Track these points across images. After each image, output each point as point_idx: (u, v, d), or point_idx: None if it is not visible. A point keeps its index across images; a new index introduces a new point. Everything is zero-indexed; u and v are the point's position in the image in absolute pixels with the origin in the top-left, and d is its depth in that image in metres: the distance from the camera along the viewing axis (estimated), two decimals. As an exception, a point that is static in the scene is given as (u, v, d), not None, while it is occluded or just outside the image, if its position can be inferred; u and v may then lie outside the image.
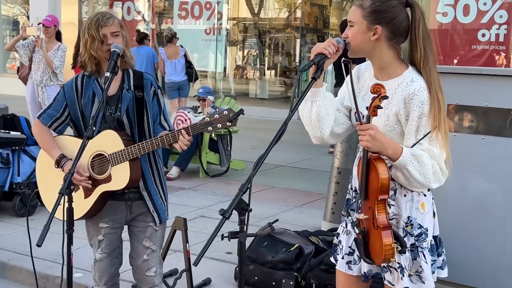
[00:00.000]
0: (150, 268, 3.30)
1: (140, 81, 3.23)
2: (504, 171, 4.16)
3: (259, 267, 4.31)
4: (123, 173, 3.09)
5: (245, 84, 17.63)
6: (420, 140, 2.50)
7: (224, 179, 8.04)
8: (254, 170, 2.36)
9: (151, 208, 3.25)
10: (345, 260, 2.75)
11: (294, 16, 17.56)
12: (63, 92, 3.24)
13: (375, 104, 2.39)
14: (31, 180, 6.13)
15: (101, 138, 3.12)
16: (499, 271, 4.18)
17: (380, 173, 2.42)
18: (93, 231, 3.33)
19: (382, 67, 2.61)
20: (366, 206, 2.50)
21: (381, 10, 2.53)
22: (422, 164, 2.46)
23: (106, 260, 3.32)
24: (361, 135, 2.41)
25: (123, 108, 3.17)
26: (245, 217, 2.37)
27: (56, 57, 7.73)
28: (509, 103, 4.11)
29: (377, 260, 2.49)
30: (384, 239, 2.42)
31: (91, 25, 3.11)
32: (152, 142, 3.03)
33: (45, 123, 3.25)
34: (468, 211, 4.28)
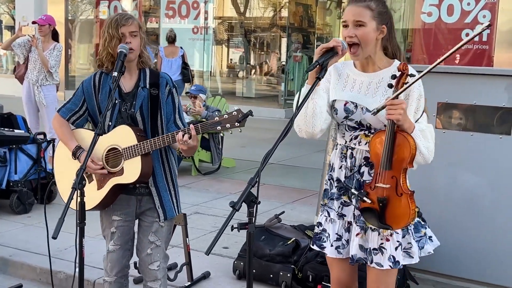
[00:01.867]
0: (153, 262, 3.38)
1: (156, 79, 3.31)
2: (492, 166, 4.33)
3: (257, 260, 4.43)
4: (135, 167, 3.17)
5: (232, 83, 17.73)
6: (418, 119, 2.76)
7: (216, 176, 8.16)
8: (262, 164, 2.50)
9: (157, 204, 3.32)
10: (334, 246, 2.94)
11: (280, 15, 17.69)
12: (82, 88, 3.35)
13: (403, 80, 2.63)
14: (28, 178, 6.22)
15: (116, 133, 3.22)
16: (488, 262, 4.35)
17: (411, 144, 2.65)
18: (106, 223, 3.42)
19: (374, 61, 2.84)
20: (389, 175, 2.69)
21: (385, 11, 2.80)
22: (426, 139, 2.72)
23: (118, 251, 3.41)
24: (393, 109, 2.59)
25: (137, 105, 3.26)
26: (253, 209, 2.49)
27: (52, 57, 7.71)
28: (496, 101, 4.29)
29: (400, 224, 2.72)
30: (411, 204, 2.68)
31: (111, 24, 3.20)
32: (163, 138, 3.11)
33: (64, 117, 3.36)
34: (457, 204, 4.44)
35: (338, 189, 2.91)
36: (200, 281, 4.49)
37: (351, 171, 2.86)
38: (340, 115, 2.86)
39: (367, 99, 2.80)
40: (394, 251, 2.80)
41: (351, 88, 2.86)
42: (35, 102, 7.91)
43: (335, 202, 2.92)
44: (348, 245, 2.91)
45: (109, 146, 3.23)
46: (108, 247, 3.43)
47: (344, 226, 2.92)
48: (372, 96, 2.80)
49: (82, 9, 18.60)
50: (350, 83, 2.88)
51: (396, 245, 2.80)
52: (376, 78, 2.82)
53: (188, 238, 4.47)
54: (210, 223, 5.94)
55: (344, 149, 2.89)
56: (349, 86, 2.87)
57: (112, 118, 3.25)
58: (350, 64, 2.93)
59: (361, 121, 2.82)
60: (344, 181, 2.88)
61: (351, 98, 2.83)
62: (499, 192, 4.32)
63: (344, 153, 2.89)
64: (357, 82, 2.86)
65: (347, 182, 2.87)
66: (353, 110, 2.82)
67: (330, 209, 2.95)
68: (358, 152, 2.85)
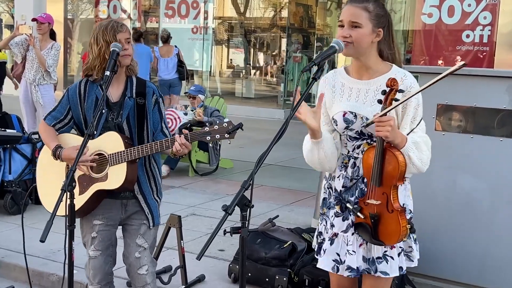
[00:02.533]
0: (142, 266, 3.34)
1: (142, 88, 3.31)
2: (492, 169, 4.26)
3: (252, 264, 4.37)
4: (120, 174, 3.15)
5: (231, 83, 17.68)
6: (414, 129, 2.70)
7: (213, 177, 8.09)
8: (256, 167, 2.47)
9: (146, 211, 3.33)
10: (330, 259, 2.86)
11: (280, 16, 17.64)
12: (67, 96, 3.31)
13: (391, 97, 2.55)
14: (22, 178, 6.15)
15: (103, 139, 3.20)
16: (486, 266, 4.28)
17: (400, 161, 2.60)
18: (86, 229, 3.37)
19: (369, 66, 2.75)
20: (379, 192, 2.65)
21: (382, 14, 2.72)
22: (420, 151, 2.65)
23: (100, 258, 3.35)
24: (382, 125, 2.53)
25: (124, 115, 3.25)
26: (247, 213, 2.44)
27: (49, 56, 7.65)
28: (497, 103, 4.21)
29: (392, 240, 2.67)
30: (402, 221, 2.63)
31: (106, 31, 3.18)
32: (151, 145, 3.10)
33: (49, 124, 3.33)
34: (456, 208, 4.37)
35: (334, 198, 2.85)
36: (194, 284, 4.43)
37: (351, 180, 2.79)
38: (340, 126, 2.78)
39: (366, 108, 2.72)
40: (397, 257, 2.75)
41: (348, 97, 2.78)
42: (32, 102, 7.84)
43: (330, 211, 2.86)
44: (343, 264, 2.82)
45: (95, 151, 3.20)
46: (88, 254, 3.38)
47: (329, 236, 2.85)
48: (370, 105, 2.72)
49: (82, 8, 18.55)
50: (346, 92, 2.79)
51: (399, 251, 2.76)
52: (373, 86, 2.74)
53: (182, 240, 4.40)
54: (206, 225, 5.87)
55: (346, 159, 2.82)
56: (345, 95, 2.79)
57: (97, 127, 3.22)
58: (342, 72, 2.85)
59: (361, 131, 2.75)
60: (340, 191, 2.81)
61: (349, 108, 2.75)
62: (498, 196, 4.24)
63: (345, 163, 2.82)
64: (354, 91, 2.78)
65: (344, 193, 2.80)
66: (352, 120, 2.74)
67: (328, 218, 2.88)
68: (361, 162, 2.76)
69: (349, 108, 2.75)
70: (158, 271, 4.52)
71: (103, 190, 3.20)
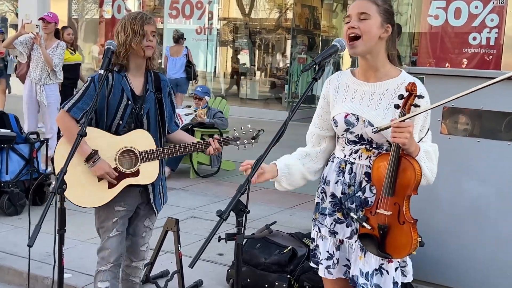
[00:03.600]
0: (144, 244, 3.64)
1: (158, 83, 3.47)
2: (499, 174, 4.15)
3: (252, 269, 4.27)
4: (153, 171, 3.36)
5: (235, 84, 17.60)
6: (422, 138, 2.60)
7: (214, 179, 8.00)
8: (253, 171, 2.40)
9: (152, 201, 3.53)
10: (324, 265, 2.77)
11: (285, 17, 17.56)
12: (94, 86, 3.32)
13: (410, 102, 2.45)
14: (20, 178, 6.06)
15: (133, 136, 3.34)
16: (492, 273, 4.18)
17: (416, 170, 2.48)
18: (106, 214, 3.44)
19: (378, 67, 2.63)
20: (391, 202, 2.51)
21: (391, 12, 2.62)
22: (431, 161, 2.58)
23: (118, 236, 3.47)
24: (400, 132, 2.40)
25: (146, 108, 3.39)
26: (242, 219, 2.35)
27: (55, 55, 7.58)
28: (504, 106, 4.11)
29: (401, 254, 2.55)
30: (414, 234, 2.51)
31: (135, 20, 3.27)
32: (185, 146, 3.35)
33: (76, 117, 3.32)
34: (462, 213, 4.26)
35: (333, 205, 2.72)
36: (192, 289, 4.32)
37: (349, 187, 2.66)
38: (340, 127, 2.66)
39: (369, 111, 2.60)
40: (394, 272, 2.63)
41: (352, 99, 2.66)
42: (37, 101, 7.75)
43: (328, 218, 2.73)
44: (338, 265, 2.74)
45: (123, 148, 3.33)
46: (106, 236, 3.47)
47: (335, 244, 2.74)
48: (375, 108, 2.60)
49: (87, 8, 18.52)
50: (350, 94, 2.67)
51: (396, 266, 2.64)
52: (380, 89, 2.62)
53: (180, 244, 4.28)
54: (206, 228, 5.78)
55: (343, 163, 2.69)
56: (349, 97, 2.67)
57: (123, 118, 3.33)
58: (348, 73, 2.74)
59: (362, 135, 2.63)
60: (340, 198, 2.69)
61: (352, 109, 2.63)
62: (505, 202, 4.13)
63: (342, 168, 2.69)
64: (358, 93, 2.66)
65: (344, 199, 2.68)
66: (354, 123, 2.63)
67: (321, 225, 2.76)
68: (358, 168, 2.66)
69: (351, 110, 2.64)
70: (154, 275, 4.44)
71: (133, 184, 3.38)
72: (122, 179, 3.34)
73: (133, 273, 3.66)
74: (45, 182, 6.26)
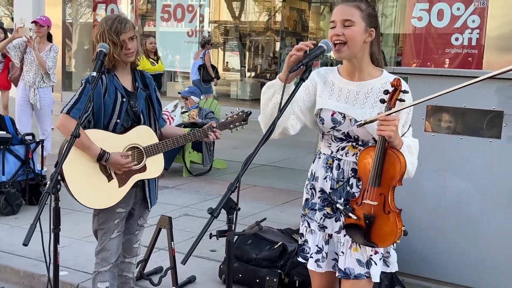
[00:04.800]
0: (137, 241, 3.74)
1: (144, 80, 3.58)
2: (481, 170, 4.28)
3: (243, 265, 4.38)
4: (159, 164, 3.48)
5: (226, 85, 17.70)
6: (405, 133, 2.70)
7: (207, 178, 8.11)
8: (243, 169, 2.38)
9: (148, 195, 3.60)
10: (313, 258, 2.84)
11: (274, 19, 17.71)
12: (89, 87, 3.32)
13: (395, 97, 2.55)
14: (16, 179, 6.16)
15: (135, 133, 3.43)
16: (476, 266, 4.30)
17: (402, 162, 2.59)
18: (106, 216, 3.49)
19: (362, 68, 2.72)
20: (377, 193, 2.61)
21: (374, 15, 2.70)
22: (412, 155, 2.67)
23: (119, 237, 3.56)
24: (386, 125, 2.50)
25: (140, 105, 3.49)
26: (233, 216, 2.40)
27: (49, 58, 7.57)
28: (486, 105, 4.24)
29: (386, 242, 2.65)
30: (398, 223, 2.62)
31: (111, 31, 3.32)
32: (185, 136, 3.48)
33: (75, 118, 3.29)
34: (446, 209, 4.39)
35: (322, 200, 2.80)
36: (185, 285, 4.42)
37: (337, 182, 2.75)
38: (327, 125, 2.75)
39: (355, 109, 2.70)
40: (378, 261, 2.73)
41: (338, 97, 2.74)
42: (30, 104, 7.77)
43: (317, 213, 2.81)
44: (327, 258, 2.83)
45: (128, 145, 3.40)
46: (107, 237, 3.51)
47: (324, 238, 2.83)
48: (361, 107, 2.70)
49: (81, 12, 18.54)
50: (336, 92, 2.76)
51: (380, 257, 2.74)
52: (365, 88, 2.72)
53: (173, 241, 4.40)
54: (199, 225, 5.88)
55: (330, 160, 2.77)
56: (335, 95, 2.75)
57: (120, 116, 3.39)
58: (335, 71, 2.83)
59: (348, 133, 2.72)
60: (329, 193, 2.77)
61: (338, 108, 2.72)
62: (488, 197, 4.26)
63: (329, 164, 2.77)
64: (344, 91, 2.75)
65: (332, 194, 2.77)
66: (340, 121, 2.72)
67: (310, 220, 2.84)
68: (345, 164, 2.75)
69: (338, 108, 2.72)
70: (148, 272, 4.54)
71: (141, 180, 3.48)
72: (131, 176, 3.42)
73: (127, 268, 3.75)
74: (41, 182, 6.36)
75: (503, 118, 4.20)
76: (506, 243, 4.21)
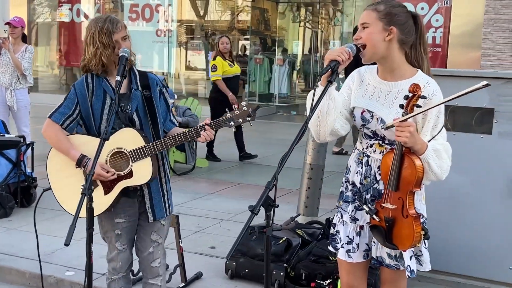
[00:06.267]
0: (155, 259, 3.45)
1: (145, 81, 3.36)
2: (474, 165, 4.50)
3: (249, 260, 4.50)
4: (146, 169, 3.21)
5: (194, 85, 17.74)
6: (435, 136, 2.74)
7: (191, 176, 8.20)
8: (279, 167, 2.48)
9: (148, 205, 3.36)
10: (344, 249, 2.97)
11: (238, 19, 17.87)
12: (74, 91, 3.31)
13: (413, 102, 2.60)
14: (8, 182, 6.15)
15: (120, 136, 3.21)
16: (471, 256, 4.53)
17: (417, 167, 2.63)
18: (108, 225, 3.43)
19: (394, 68, 2.80)
20: (395, 196, 2.70)
21: (395, 13, 2.76)
22: (440, 158, 2.71)
23: (128, 250, 3.47)
24: (401, 131, 2.58)
25: (133, 106, 3.29)
26: (271, 213, 2.49)
27: (24, 59, 7.55)
28: (476, 102, 4.46)
29: (405, 245, 2.73)
30: (416, 227, 2.68)
31: (102, 33, 3.19)
32: (174, 138, 3.16)
33: (57, 122, 3.30)
34: (441, 203, 4.56)
35: (353, 193, 2.92)
36: (193, 281, 4.53)
37: (365, 178, 2.87)
38: (358, 122, 2.87)
39: (384, 109, 2.78)
40: (409, 260, 2.84)
41: (371, 95, 2.84)
42: (7, 106, 7.71)
43: (350, 205, 2.93)
44: (358, 249, 2.94)
45: (112, 150, 3.24)
46: (116, 247, 3.44)
47: (355, 229, 2.94)
48: (389, 107, 2.77)
49: (42, 11, 18.27)
50: (370, 90, 2.85)
51: (410, 254, 2.85)
52: (396, 88, 2.78)
53: (181, 239, 4.51)
54: (194, 223, 5.99)
55: (361, 155, 2.90)
56: (369, 93, 2.85)
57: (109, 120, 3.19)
58: (373, 69, 2.90)
59: (376, 131, 2.83)
60: (359, 187, 2.90)
61: (368, 106, 2.82)
62: (481, 190, 4.49)
63: (360, 159, 2.90)
64: (377, 90, 2.83)
65: (362, 189, 2.89)
66: (369, 120, 2.82)
67: (344, 211, 2.96)
68: (373, 161, 2.86)
69: (368, 106, 2.82)
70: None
71: (128, 187, 3.26)
72: (117, 183, 3.24)
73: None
74: (32, 184, 6.36)
75: (494, 115, 4.43)
76: (498, 233, 4.45)
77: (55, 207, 3.33)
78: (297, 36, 19.73)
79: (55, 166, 3.40)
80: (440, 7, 12.39)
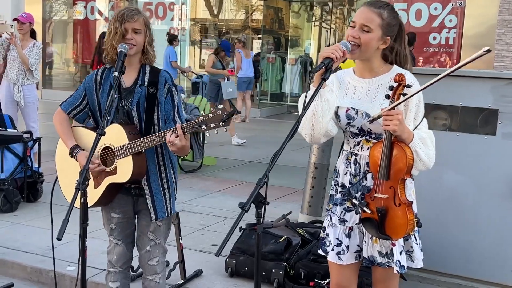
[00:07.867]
0: (153, 258, 3.43)
1: (155, 77, 3.29)
2: (476, 166, 4.47)
3: (249, 258, 4.51)
4: (127, 167, 3.18)
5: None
6: (417, 125, 2.81)
7: (198, 174, 8.23)
8: (270, 165, 2.49)
9: (149, 204, 3.31)
10: (334, 251, 2.98)
11: (252, 18, 17.87)
12: (84, 83, 3.40)
13: (399, 91, 2.66)
14: (14, 177, 6.20)
15: (109, 132, 3.18)
16: (470, 257, 4.50)
17: (407, 155, 2.68)
18: (105, 219, 3.50)
19: (372, 68, 2.88)
20: (387, 186, 2.72)
21: (393, 24, 2.83)
22: (427, 146, 2.77)
23: (122, 245, 3.49)
24: (390, 119, 2.62)
25: (134, 102, 3.25)
26: (262, 210, 2.49)
27: (32, 55, 7.55)
28: (481, 103, 4.43)
29: (399, 234, 2.74)
30: (409, 214, 2.71)
31: (117, 17, 3.21)
32: (151, 138, 3.11)
33: (64, 110, 3.40)
34: (442, 203, 4.56)
35: (343, 194, 2.95)
36: (192, 279, 4.54)
37: (354, 177, 2.89)
38: (343, 122, 2.90)
39: (366, 104, 2.83)
40: (399, 255, 2.84)
41: (352, 95, 2.89)
42: (15, 102, 7.74)
43: (338, 207, 2.96)
44: (348, 251, 2.94)
45: (103, 145, 3.24)
46: (111, 241, 3.50)
47: (345, 231, 2.95)
48: (371, 101, 2.83)
49: (57, 9, 18.40)
50: (351, 90, 2.91)
51: (400, 249, 2.85)
52: (375, 84, 2.85)
53: (181, 236, 4.52)
54: (197, 220, 6.00)
55: (349, 155, 2.93)
56: (350, 93, 2.90)
57: (111, 113, 3.24)
58: (350, 72, 2.97)
59: (362, 127, 2.86)
60: (348, 188, 2.92)
61: (352, 104, 2.86)
62: (483, 191, 4.45)
63: (348, 159, 2.93)
64: (358, 89, 2.89)
65: (351, 188, 2.91)
66: (354, 116, 2.86)
67: (333, 214, 2.99)
68: (361, 158, 2.89)
69: (351, 104, 2.87)
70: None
71: (115, 183, 3.25)
72: (105, 178, 3.25)
73: (149, 286, 3.50)
74: (38, 179, 6.41)
75: (498, 116, 4.39)
76: (499, 235, 4.41)
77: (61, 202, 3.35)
78: (310, 35, 19.68)
79: (61, 153, 3.47)
80: (453, 8, 12.35)
